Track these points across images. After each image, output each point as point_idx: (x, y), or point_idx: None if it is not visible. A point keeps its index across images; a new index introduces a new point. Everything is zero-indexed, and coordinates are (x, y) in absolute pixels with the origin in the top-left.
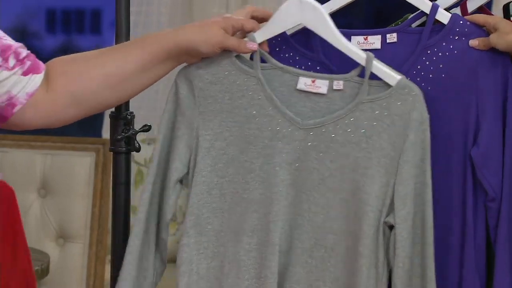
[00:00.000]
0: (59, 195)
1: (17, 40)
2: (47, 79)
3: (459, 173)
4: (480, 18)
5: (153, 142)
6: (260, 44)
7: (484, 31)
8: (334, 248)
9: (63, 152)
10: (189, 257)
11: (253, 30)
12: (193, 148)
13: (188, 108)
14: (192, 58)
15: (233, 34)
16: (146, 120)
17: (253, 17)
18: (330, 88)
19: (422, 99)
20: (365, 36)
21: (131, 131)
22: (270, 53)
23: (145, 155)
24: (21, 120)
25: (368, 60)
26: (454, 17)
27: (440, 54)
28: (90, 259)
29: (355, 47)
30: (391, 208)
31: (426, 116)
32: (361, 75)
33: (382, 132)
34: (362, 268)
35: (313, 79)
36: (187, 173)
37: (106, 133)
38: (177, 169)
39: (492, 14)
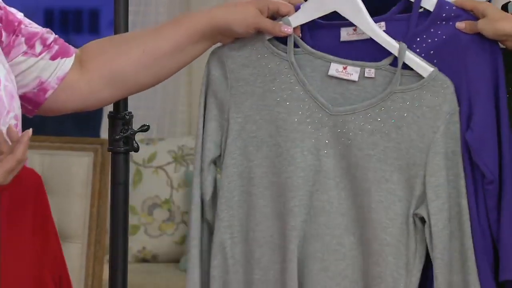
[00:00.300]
0: (57, 195)
1: None
2: (80, 61)
3: None
4: (468, 3)
5: (151, 142)
6: (294, 28)
7: (471, 15)
8: (363, 236)
9: (61, 152)
10: (221, 240)
11: (288, 14)
12: (224, 130)
13: (220, 89)
14: (226, 38)
15: (268, 16)
16: (145, 120)
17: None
18: (362, 76)
19: (453, 91)
20: (354, 27)
21: (129, 131)
22: None
23: (144, 155)
24: (55, 104)
25: (401, 50)
26: (440, 2)
27: (429, 40)
28: (88, 259)
29: (388, 37)
30: (421, 200)
31: (457, 108)
32: (393, 64)
33: (413, 124)
34: (388, 258)
35: (344, 65)
36: (220, 155)
37: (104, 133)
38: (210, 150)
39: None
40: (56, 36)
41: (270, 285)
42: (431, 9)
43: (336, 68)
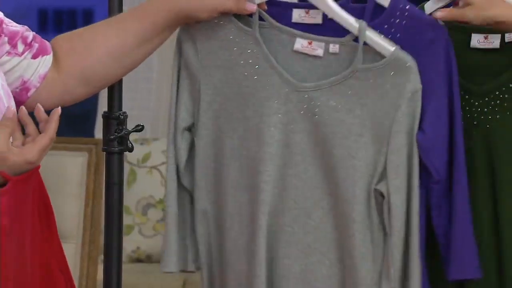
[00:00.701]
0: (52, 195)
1: None
2: (55, 58)
3: None
4: None
5: (145, 142)
6: (258, 4)
7: (423, 13)
8: (332, 209)
9: (55, 152)
10: (204, 208)
11: None
12: (197, 100)
13: (192, 61)
14: (191, 22)
15: None
16: (139, 120)
17: None
18: (326, 51)
19: (416, 70)
20: (306, 10)
21: (124, 131)
22: None
23: (138, 155)
24: (36, 102)
25: (361, 30)
26: (394, 0)
27: (382, 36)
28: (83, 259)
29: (348, 16)
30: (382, 176)
31: (419, 87)
32: (356, 40)
33: (376, 101)
34: (356, 234)
35: (309, 40)
36: (194, 123)
37: (98, 133)
38: (183, 119)
39: None
40: (34, 33)
41: (240, 254)
42: (386, 5)
43: (301, 43)
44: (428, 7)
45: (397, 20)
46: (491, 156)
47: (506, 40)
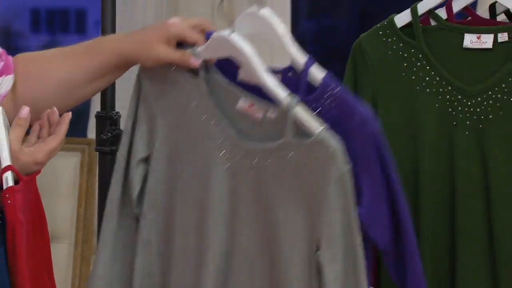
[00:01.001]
0: (44, 195)
1: (1, 40)
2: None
3: None
4: None
5: None
6: (207, 60)
7: (353, 98)
8: (274, 262)
9: None
10: (148, 238)
11: (196, 43)
12: (153, 134)
13: (149, 97)
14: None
15: (175, 45)
16: None
17: (201, 30)
18: (265, 115)
19: (341, 153)
20: None
21: (117, 131)
22: None
23: None
24: None
25: (290, 107)
26: (324, 81)
27: (316, 111)
28: (76, 259)
29: (280, 89)
30: (319, 246)
31: (345, 169)
32: None
33: (307, 177)
34: None
35: (251, 102)
36: (148, 155)
37: (91, 133)
38: (138, 151)
39: (478, 15)
40: (1, 49)
41: None
42: (316, 85)
43: (243, 104)
44: (422, 6)
45: (328, 100)
46: (484, 156)
47: (499, 40)
